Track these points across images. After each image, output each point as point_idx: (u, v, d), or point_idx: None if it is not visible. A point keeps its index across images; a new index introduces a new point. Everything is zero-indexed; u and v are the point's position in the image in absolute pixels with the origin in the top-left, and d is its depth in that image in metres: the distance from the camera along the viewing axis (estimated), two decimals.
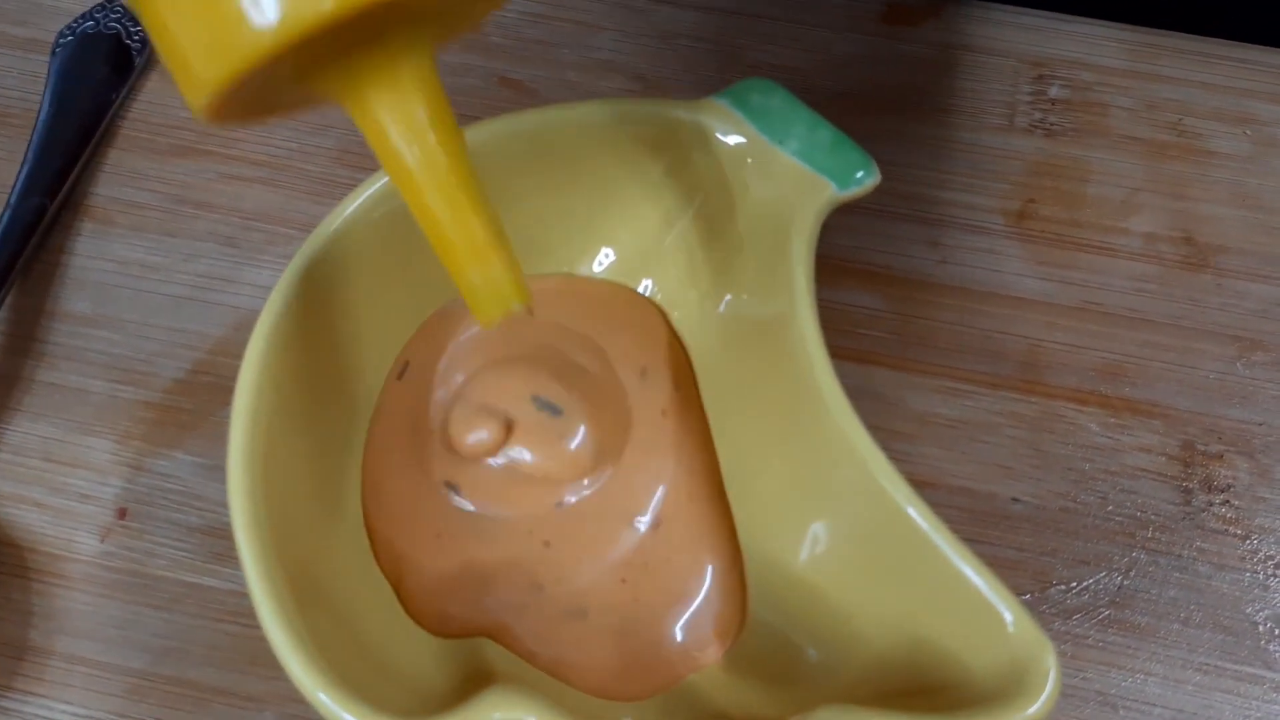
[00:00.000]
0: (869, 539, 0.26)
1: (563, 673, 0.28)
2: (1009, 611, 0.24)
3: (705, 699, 0.27)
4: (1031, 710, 0.22)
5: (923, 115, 0.38)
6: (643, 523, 0.29)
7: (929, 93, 0.38)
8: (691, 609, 0.28)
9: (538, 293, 0.31)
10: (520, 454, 0.29)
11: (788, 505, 0.28)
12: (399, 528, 0.29)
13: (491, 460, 0.29)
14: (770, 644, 0.28)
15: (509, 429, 0.29)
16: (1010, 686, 0.23)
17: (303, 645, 0.23)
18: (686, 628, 0.28)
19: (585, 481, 0.29)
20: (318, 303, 0.27)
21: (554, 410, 0.29)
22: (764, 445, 0.29)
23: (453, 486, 0.29)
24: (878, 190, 0.29)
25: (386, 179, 0.28)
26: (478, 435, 0.29)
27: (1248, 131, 0.38)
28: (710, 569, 0.29)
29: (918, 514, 0.25)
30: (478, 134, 0.29)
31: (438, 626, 0.28)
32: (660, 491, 0.29)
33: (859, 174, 0.28)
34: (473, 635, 0.28)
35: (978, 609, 0.24)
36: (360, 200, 0.28)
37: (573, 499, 0.29)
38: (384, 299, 0.30)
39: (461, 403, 0.30)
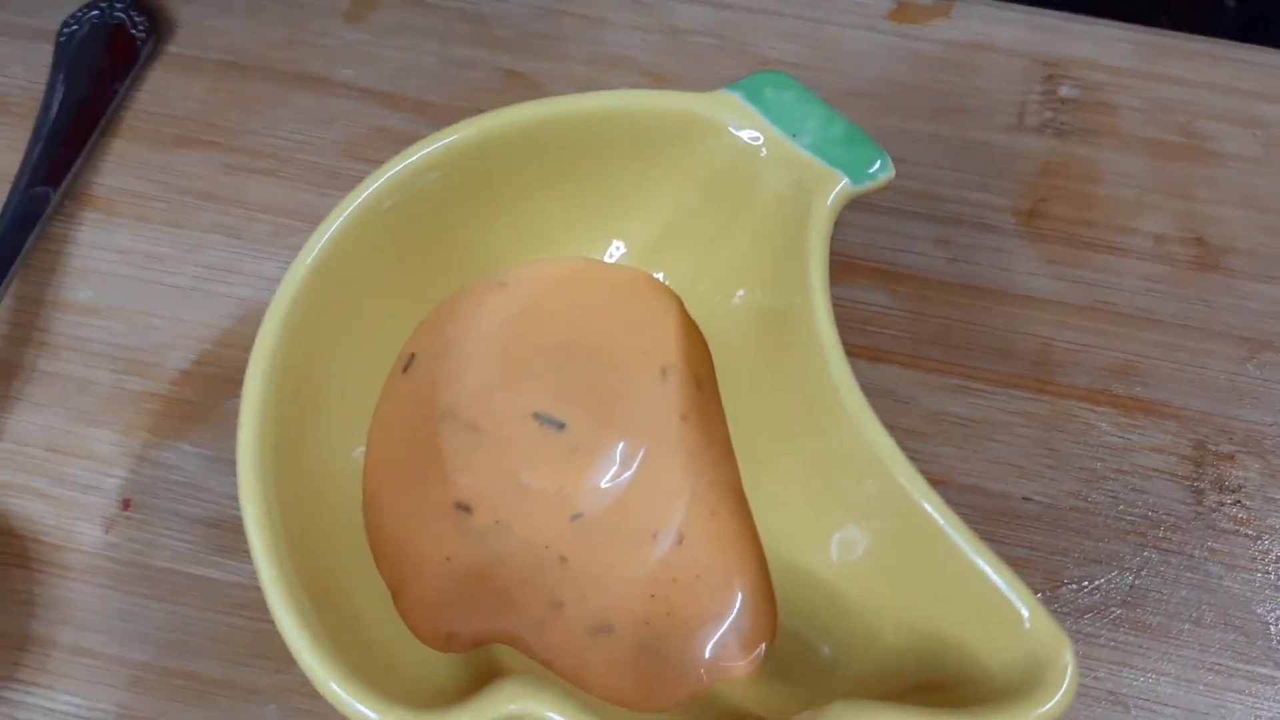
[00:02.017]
0: (884, 535, 0.26)
1: (583, 684, 0.27)
2: (1025, 607, 0.23)
3: (723, 699, 0.27)
4: (1049, 706, 0.22)
5: (933, 113, 0.38)
6: (666, 538, 0.29)
7: (939, 91, 0.38)
8: (723, 628, 0.28)
9: (557, 278, 0.31)
10: (523, 477, 0.29)
11: (801, 502, 0.28)
12: (403, 548, 0.28)
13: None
14: (785, 642, 0.28)
15: (503, 452, 0.29)
16: (1027, 682, 0.23)
17: (314, 635, 0.22)
18: (718, 645, 0.28)
19: (600, 490, 0.29)
20: (325, 294, 0.27)
21: (556, 425, 0.29)
22: (777, 441, 0.29)
23: (463, 507, 0.29)
24: (889, 188, 0.29)
25: (395, 170, 0.28)
26: (466, 480, 0.29)
27: (1257, 133, 0.38)
28: (740, 587, 0.28)
29: (934, 509, 0.24)
30: (487, 123, 0.28)
31: (442, 645, 0.27)
32: (681, 506, 0.29)
33: (873, 168, 0.28)
34: (482, 645, 0.28)
35: (994, 605, 0.24)
36: (369, 191, 0.28)
37: (589, 512, 0.29)
38: (391, 290, 0.30)
39: (452, 421, 0.29)
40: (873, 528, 0.26)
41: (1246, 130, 0.38)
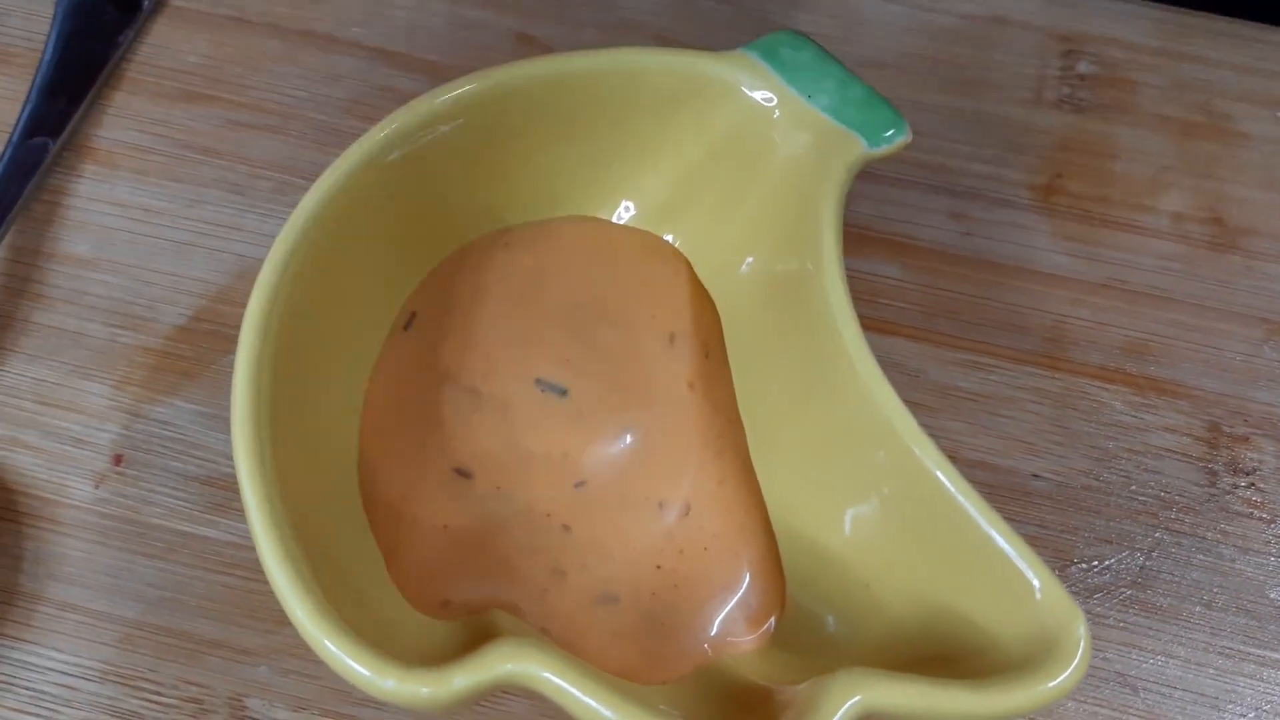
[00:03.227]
0: (895, 503, 0.25)
1: (585, 654, 0.27)
2: (1037, 578, 0.23)
3: (725, 668, 0.26)
4: (1061, 679, 0.22)
5: (950, 86, 0.37)
6: (672, 508, 0.28)
7: (956, 64, 0.37)
8: (731, 603, 0.27)
9: (565, 239, 0.31)
10: (525, 443, 0.28)
11: (810, 472, 0.27)
12: (399, 513, 0.28)
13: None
14: (790, 613, 0.27)
15: (504, 417, 0.28)
16: (1038, 654, 0.22)
17: (309, 592, 0.22)
18: (725, 620, 0.27)
19: (605, 457, 0.28)
20: (325, 247, 0.26)
21: (559, 391, 0.29)
22: (785, 408, 0.28)
23: (463, 473, 0.28)
24: (902, 160, 0.28)
25: (402, 121, 0.27)
26: (467, 444, 0.28)
27: (1278, 114, 0.37)
28: (748, 559, 0.28)
29: (946, 477, 0.24)
30: (499, 77, 0.28)
31: (437, 612, 0.27)
32: (688, 476, 0.28)
33: (890, 131, 0.28)
34: (479, 614, 0.27)
35: (1005, 575, 0.23)
36: (373, 142, 0.27)
37: (593, 480, 0.28)
38: (393, 245, 0.29)
39: (452, 383, 0.29)
40: (883, 497, 0.25)
41: (1268, 111, 0.37)
